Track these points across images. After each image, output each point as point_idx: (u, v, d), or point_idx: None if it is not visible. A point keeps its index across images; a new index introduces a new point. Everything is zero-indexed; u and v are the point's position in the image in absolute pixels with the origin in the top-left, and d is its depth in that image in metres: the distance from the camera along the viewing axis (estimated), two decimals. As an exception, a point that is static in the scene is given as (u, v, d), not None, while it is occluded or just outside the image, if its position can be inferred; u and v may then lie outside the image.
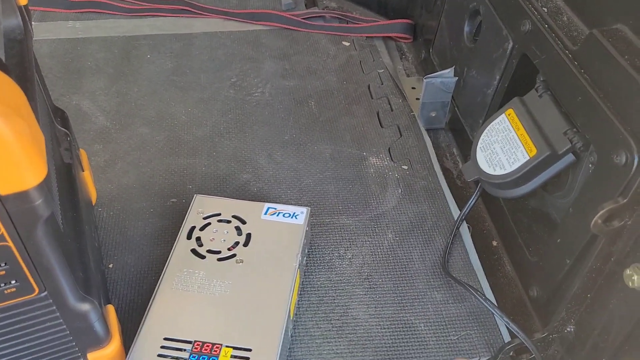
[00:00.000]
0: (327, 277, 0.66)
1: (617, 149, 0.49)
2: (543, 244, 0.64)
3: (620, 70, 0.50)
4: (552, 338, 0.57)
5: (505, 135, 0.65)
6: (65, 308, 0.46)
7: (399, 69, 1.00)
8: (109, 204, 0.72)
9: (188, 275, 0.58)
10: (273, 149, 0.81)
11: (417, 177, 0.78)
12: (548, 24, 0.62)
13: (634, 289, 0.45)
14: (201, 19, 1.06)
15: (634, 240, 0.46)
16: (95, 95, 0.88)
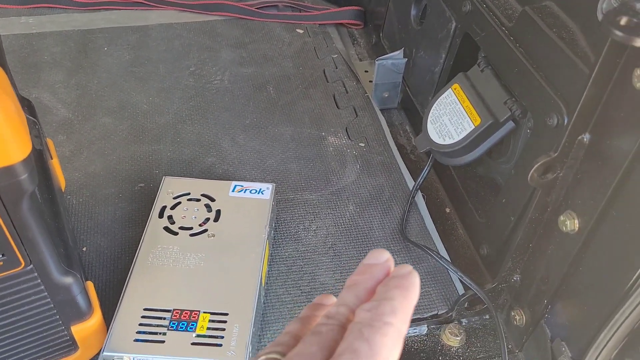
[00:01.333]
0: (295, 248, 0.70)
1: (550, 113, 0.55)
2: (490, 206, 0.70)
3: (549, 42, 0.56)
4: (501, 288, 0.63)
5: (452, 107, 0.70)
6: (49, 281, 0.48)
7: (351, 54, 1.05)
8: (77, 191, 0.74)
9: (162, 251, 0.61)
10: (235, 133, 0.84)
11: (374, 153, 0.83)
12: (486, 4, 0.68)
13: (567, 233, 0.52)
14: (156, 11, 1.07)
15: (566, 190, 0.52)
16: (55, 88, 0.89)
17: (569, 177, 0.51)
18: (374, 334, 0.25)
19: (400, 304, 0.27)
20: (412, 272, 0.28)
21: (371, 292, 0.28)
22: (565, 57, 0.54)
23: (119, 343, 0.54)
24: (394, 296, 0.27)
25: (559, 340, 0.56)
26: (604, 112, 0.46)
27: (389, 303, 0.26)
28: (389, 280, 0.28)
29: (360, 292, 0.28)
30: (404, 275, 0.28)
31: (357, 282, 0.29)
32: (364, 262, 0.30)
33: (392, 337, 0.26)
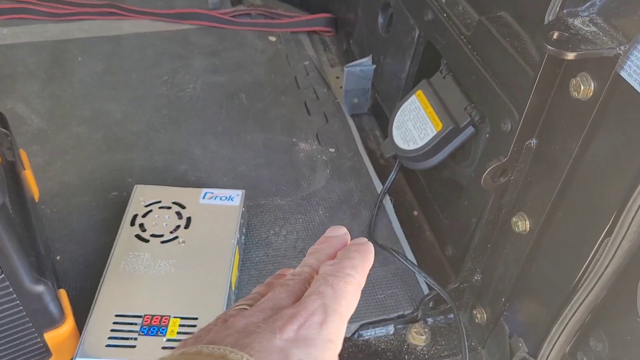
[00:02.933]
0: (265, 253, 0.72)
1: (504, 119, 0.57)
2: (454, 208, 0.73)
3: (503, 51, 0.59)
4: (464, 287, 0.66)
5: (416, 113, 0.73)
6: (21, 290, 0.50)
7: (323, 61, 1.07)
8: (51, 200, 0.75)
9: (134, 258, 0.63)
10: (208, 140, 0.86)
11: (344, 158, 0.86)
12: (447, 13, 0.70)
13: (519, 233, 0.54)
14: (129, 21, 1.09)
15: (517, 193, 0.54)
16: (29, 98, 0.90)
17: (519, 180, 0.54)
18: (337, 281, 0.29)
19: (359, 263, 0.31)
20: (368, 242, 0.33)
21: (330, 258, 0.32)
22: (517, 65, 0.56)
23: (91, 348, 0.55)
24: (354, 257, 0.31)
25: (516, 337, 0.59)
26: (548, 119, 0.49)
27: (350, 261, 0.31)
28: (349, 246, 0.33)
29: (321, 257, 0.32)
30: (361, 244, 0.33)
31: (318, 250, 0.33)
32: (325, 235, 0.35)
33: (352, 285, 0.30)
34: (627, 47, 0.40)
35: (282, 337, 0.26)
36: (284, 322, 0.27)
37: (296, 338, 0.27)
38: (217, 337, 0.27)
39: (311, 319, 0.28)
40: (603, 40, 0.41)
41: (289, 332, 0.27)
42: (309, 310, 0.28)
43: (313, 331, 0.27)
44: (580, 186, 0.47)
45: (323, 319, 0.28)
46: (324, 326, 0.28)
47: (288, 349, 0.26)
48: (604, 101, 0.43)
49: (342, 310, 0.29)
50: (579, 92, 0.44)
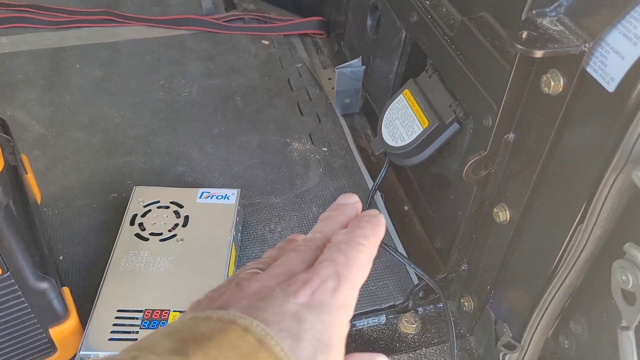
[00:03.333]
0: (261, 249, 0.74)
1: (486, 115, 0.60)
2: (442, 202, 0.75)
3: (484, 50, 0.61)
4: (452, 277, 0.68)
5: (404, 112, 0.75)
6: (26, 287, 0.52)
7: (315, 63, 1.10)
8: (53, 203, 0.78)
9: (134, 256, 0.66)
10: (204, 143, 0.88)
11: (336, 157, 0.88)
12: (431, 14, 0.73)
13: (501, 223, 0.57)
14: (126, 27, 1.11)
15: (498, 185, 0.57)
16: (29, 105, 0.92)
17: (499, 173, 0.56)
18: (350, 250, 0.29)
19: (371, 232, 0.31)
20: (380, 213, 0.33)
21: (342, 226, 0.33)
22: (497, 63, 0.59)
23: (95, 342, 0.58)
24: (366, 227, 0.31)
25: (501, 322, 0.62)
26: (523, 114, 0.52)
27: (362, 230, 0.31)
28: (360, 217, 0.33)
29: (332, 224, 0.33)
30: (373, 215, 0.32)
31: (330, 217, 0.33)
32: (336, 202, 0.34)
33: (364, 254, 0.30)
34: (591, 44, 0.43)
35: (296, 301, 0.27)
36: (297, 287, 0.27)
37: (309, 303, 0.27)
38: (230, 300, 0.28)
39: (324, 284, 0.28)
40: (569, 39, 0.44)
41: (302, 297, 0.27)
42: (322, 276, 0.28)
43: (326, 297, 0.27)
44: (555, 177, 0.50)
45: (336, 286, 0.28)
46: (337, 292, 0.28)
47: (301, 313, 0.26)
48: (573, 96, 0.45)
49: (354, 278, 0.29)
50: (550, 87, 0.46)
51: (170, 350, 0.24)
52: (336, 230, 0.32)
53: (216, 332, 0.24)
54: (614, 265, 0.48)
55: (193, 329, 0.25)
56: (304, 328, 0.26)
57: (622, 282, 0.47)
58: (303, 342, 0.26)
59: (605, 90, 0.42)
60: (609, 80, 0.42)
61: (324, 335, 0.26)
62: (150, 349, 0.24)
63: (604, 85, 0.42)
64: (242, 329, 0.25)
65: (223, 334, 0.24)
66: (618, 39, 0.42)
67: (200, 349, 0.24)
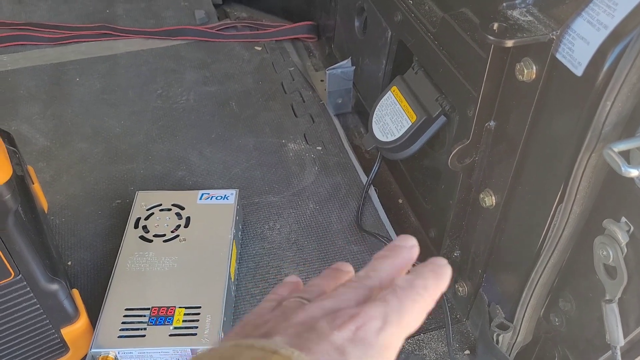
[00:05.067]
0: (261, 246, 0.77)
1: (469, 105, 0.63)
2: (434, 193, 0.78)
3: (464, 44, 0.64)
4: (445, 264, 0.71)
5: (392, 108, 0.78)
6: (37, 288, 0.55)
7: (308, 66, 1.13)
8: (60, 212, 0.80)
9: (139, 257, 0.68)
10: (202, 147, 0.91)
11: (330, 155, 0.91)
12: (414, 13, 0.76)
13: (487, 208, 0.59)
14: (123, 40, 1.15)
15: (483, 172, 0.60)
16: (32, 119, 0.96)
17: (484, 160, 0.59)
18: (405, 297, 0.28)
19: (432, 284, 0.30)
20: (447, 265, 0.31)
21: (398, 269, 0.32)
22: (477, 55, 0.61)
23: (105, 340, 0.61)
24: (429, 277, 0.30)
25: (494, 304, 0.64)
26: (502, 102, 0.54)
27: (423, 281, 0.29)
28: (426, 264, 0.31)
29: (387, 266, 0.31)
30: (439, 265, 0.31)
31: (385, 256, 0.32)
32: (393, 242, 0.33)
33: (419, 306, 0.29)
34: (559, 32, 0.46)
35: (340, 334, 0.26)
36: (343, 321, 0.27)
37: (354, 338, 0.26)
38: (276, 328, 0.27)
39: (370, 322, 0.27)
40: (538, 28, 0.46)
41: (347, 331, 0.26)
42: (370, 314, 0.27)
43: (370, 335, 0.27)
44: (534, 161, 0.53)
45: (381, 326, 0.27)
46: (382, 332, 0.27)
47: (345, 346, 0.26)
48: (545, 82, 0.48)
49: (403, 325, 0.28)
50: (523, 75, 0.49)
51: None
52: (390, 273, 0.31)
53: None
54: (595, 242, 0.50)
55: (235, 357, 0.25)
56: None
57: (604, 257, 0.50)
58: None
59: (574, 75, 0.45)
60: (577, 65, 0.45)
61: None
62: None
63: (572, 70, 0.45)
64: (284, 359, 0.25)
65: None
66: (583, 26, 0.44)
67: None
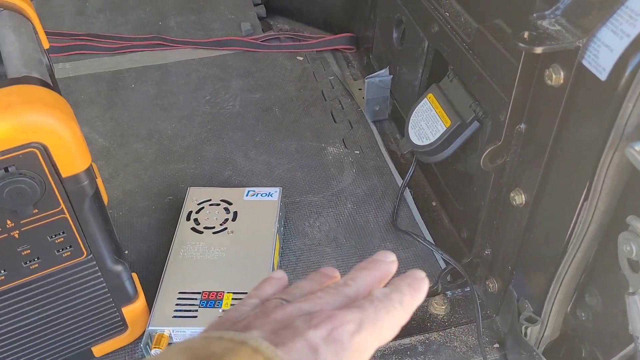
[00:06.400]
0: (302, 242, 0.82)
1: (501, 110, 0.67)
2: (466, 195, 0.82)
3: (497, 53, 0.68)
4: (477, 262, 0.75)
5: (428, 114, 0.82)
6: (105, 268, 0.61)
7: (347, 75, 1.18)
8: (117, 206, 0.87)
9: (191, 247, 0.74)
10: (247, 149, 0.97)
11: (368, 159, 0.96)
12: (450, 24, 0.80)
13: (517, 206, 0.63)
14: (174, 50, 1.22)
15: (514, 172, 0.63)
16: (92, 122, 1.04)
17: (514, 161, 0.63)
18: (381, 307, 0.30)
19: (408, 299, 0.31)
20: (425, 278, 0.33)
21: (375, 280, 0.33)
22: (509, 62, 0.65)
23: (161, 320, 0.67)
24: (405, 292, 0.31)
25: (523, 299, 0.67)
26: (532, 106, 0.58)
27: (400, 295, 0.31)
28: (404, 277, 0.32)
29: (366, 277, 0.33)
30: (417, 278, 0.32)
31: (365, 268, 0.34)
32: (374, 257, 0.34)
33: (394, 318, 0.30)
34: (585, 40, 0.50)
35: (316, 333, 0.27)
36: (319, 321, 0.28)
37: (328, 338, 0.27)
38: (253, 324, 0.29)
39: (345, 325, 0.28)
40: (565, 37, 0.51)
41: (322, 331, 0.27)
42: (346, 318, 0.28)
43: (345, 337, 0.28)
44: (561, 161, 0.56)
45: (356, 330, 0.28)
46: (356, 336, 0.28)
47: (319, 345, 0.27)
48: (572, 86, 0.52)
49: (376, 332, 0.29)
50: (552, 80, 0.53)
51: None
52: (368, 283, 0.32)
53: (227, 351, 0.25)
54: (619, 238, 0.53)
55: (206, 347, 0.26)
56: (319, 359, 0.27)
57: (627, 252, 0.53)
58: None
59: (599, 80, 0.49)
60: (601, 70, 0.49)
61: None
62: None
63: (597, 75, 0.49)
64: (252, 349, 0.26)
65: (234, 353, 0.25)
66: (607, 35, 0.48)
67: None
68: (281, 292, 0.33)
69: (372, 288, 0.32)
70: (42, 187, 0.51)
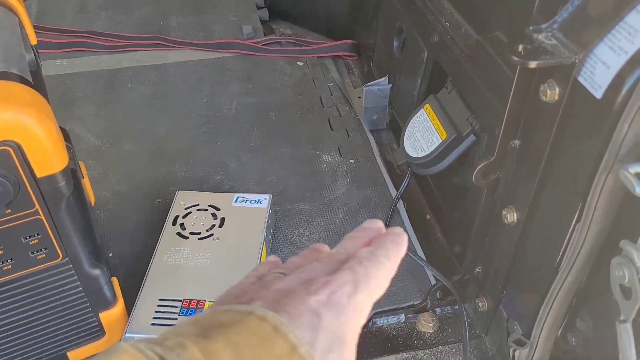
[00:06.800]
0: (290, 251, 0.80)
1: (497, 124, 0.65)
2: (460, 210, 0.80)
3: (495, 65, 0.66)
4: (467, 279, 0.72)
5: (424, 125, 0.81)
6: (81, 272, 0.60)
7: (347, 82, 1.16)
8: (105, 206, 0.86)
9: (175, 252, 0.73)
10: (241, 154, 0.96)
11: (363, 168, 0.94)
12: (450, 34, 0.79)
13: (509, 224, 0.61)
14: (174, 51, 1.21)
15: (506, 189, 0.61)
16: (86, 120, 1.02)
17: (508, 177, 0.61)
18: (370, 265, 0.32)
19: (392, 252, 0.33)
20: (404, 233, 0.35)
21: (365, 245, 0.35)
22: (506, 75, 0.64)
23: (139, 326, 0.65)
24: (389, 247, 0.33)
25: (512, 320, 0.65)
26: (527, 122, 0.56)
27: (384, 250, 0.33)
28: (385, 235, 0.35)
29: (356, 243, 0.35)
30: (397, 234, 0.35)
31: (354, 236, 0.36)
32: (362, 225, 0.37)
33: (383, 271, 0.32)
34: (581, 56, 0.48)
35: (316, 298, 0.29)
36: (317, 287, 0.30)
37: (328, 302, 0.29)
38: (255, 297, 0.30)
39: (343, 288, 0.30)
40: (561, 51, 0.49)
41: (322, 296, 0.29)
42: (341, 281, 0.30)
43: (343, 299, 0.30)
44: (555, 180, 0.54)
45: (353, 291, 0.30)
46: (353, 297, 0.30)
47: (320, 310, 0.29)
48: (567, 103, 0.50)
49: (371, 290, 0.31)
50: (547, 96, 0.51)
51: (196, 334, 0.27)
52: (358, 249, 0.34)
53: (235, 321, 0.28)
54: (612, 262, 0.51)
55: (215, 317, 0.28)
56: (322, 323, 0.29)
57: (620, 278, 0.51)
58: (321, 335, 0.29)
59: (594, 97, 0.47)
60: (597, 88, 0.47)
61: (340, 332, 0.29)
62: (179, 334, 0.27)
63: (592, 92, 0.47)
64: (259, 318, 0.28)
65: (242, 322, 0.27)
66: (605, 51, 0.46)
67: (221, 333, 0.27)
68: (278, 267, 0.35)
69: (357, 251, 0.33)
70: (16, 187, 0.49)
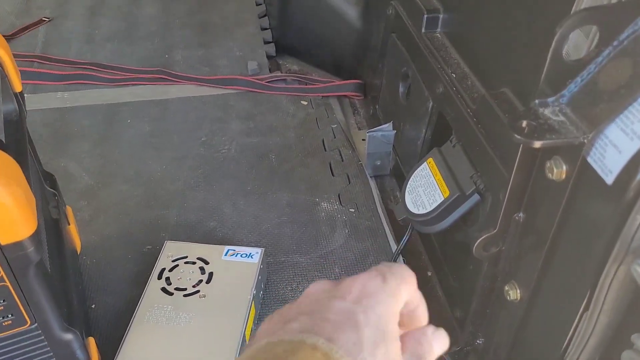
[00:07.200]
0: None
1: (503, 189, 0.61)
2: (462, 271, 0.75)
3: (501, 125, 0.63)
4: (467, 350, 0.68)
5: (426, 180, 0.77)
6: (52, 337, 0.56)
7: (351, 123, 1.13)
8: (92, 252, 0.83)
9: (158, 310, 0.69)
10: (237, 199, 0.93)
11: (362, 218, 0.90)
12: (456, 87, 0.75)
13: (511, 301, 0.57)
14: (176, 86, 1.19)
15: (509, 262, 0.57)
16: (81, 157, 1.00)
17: (511, 251, 0.57)
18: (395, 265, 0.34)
19: None
20: None
21: None
22: (512, 139, 0.60)
23: (113, 393, 0.61)
24: None
25: (513, 403, 0.60)
26: (532, 195, 0.52)
27: None
28: None
29: None
30: None
31: None
32: None
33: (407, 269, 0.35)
34: (591, 136, 0.44)
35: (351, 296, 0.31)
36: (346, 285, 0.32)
37: (360, 296, 0.31)
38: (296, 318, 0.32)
39: (372, 280, 0.32)
40: (569, 130, 0.45)
41: (354, 293, 0.31)
42: (369, 275, 0.33)
43: (376, 286, 0.32)
44: (562, 261, 0.50)
45: (383, 279, 0.32)
46: (386, 282, 0.32)
47: (356, 314, 0.30)
48: (575, 183, 0.46)
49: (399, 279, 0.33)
50: (553, 173, 0.47)
51: None
52: None
53: (289, 353, 0.29)
54: (622, 356, 0.47)
55: (271, 351, 0.29)
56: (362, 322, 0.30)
57: (631, 373, 0.46)
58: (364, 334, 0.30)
59: (605, 182, 0.43)
60: (608, 173, 0.43)
61: (381, 325, 0.31)
62: None
63: (602, 177, 0.43)
64: (310, 347, 0.29)
65: (295, 353, 0.29)
66: (616, 133, 0.42)
67: None
68: None
69: None
70: (-21, 254, 0.46)
